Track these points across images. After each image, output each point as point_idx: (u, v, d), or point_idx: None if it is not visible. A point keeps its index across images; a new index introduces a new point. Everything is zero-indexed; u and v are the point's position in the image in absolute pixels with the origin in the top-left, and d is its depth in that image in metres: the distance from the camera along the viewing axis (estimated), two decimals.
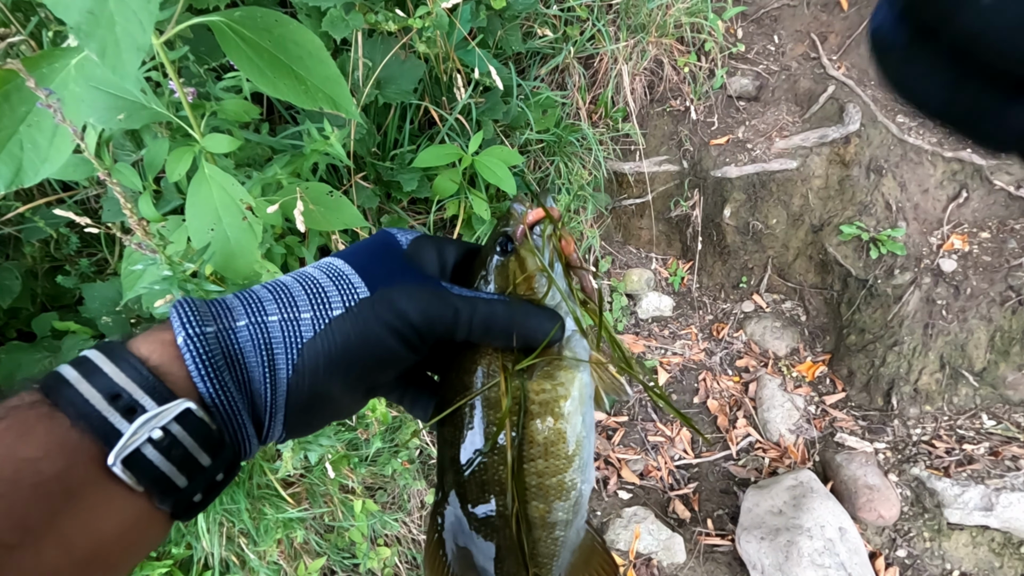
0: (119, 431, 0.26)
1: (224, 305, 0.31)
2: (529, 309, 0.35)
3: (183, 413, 0.27)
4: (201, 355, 0.28)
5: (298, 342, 0.30)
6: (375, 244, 0.36)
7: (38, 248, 1.44)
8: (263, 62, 0.86)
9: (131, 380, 0.27)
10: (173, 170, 0.94)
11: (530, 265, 0.37)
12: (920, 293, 2.20)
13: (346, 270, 0.33)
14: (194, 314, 0.29)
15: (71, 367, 0.27)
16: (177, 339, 0.28)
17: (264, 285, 0.33)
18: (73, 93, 0.81)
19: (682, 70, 2.59)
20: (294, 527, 1.42)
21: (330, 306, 0.31)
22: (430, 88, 1.84)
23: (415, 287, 0.33)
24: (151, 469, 0.27)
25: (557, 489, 0.35)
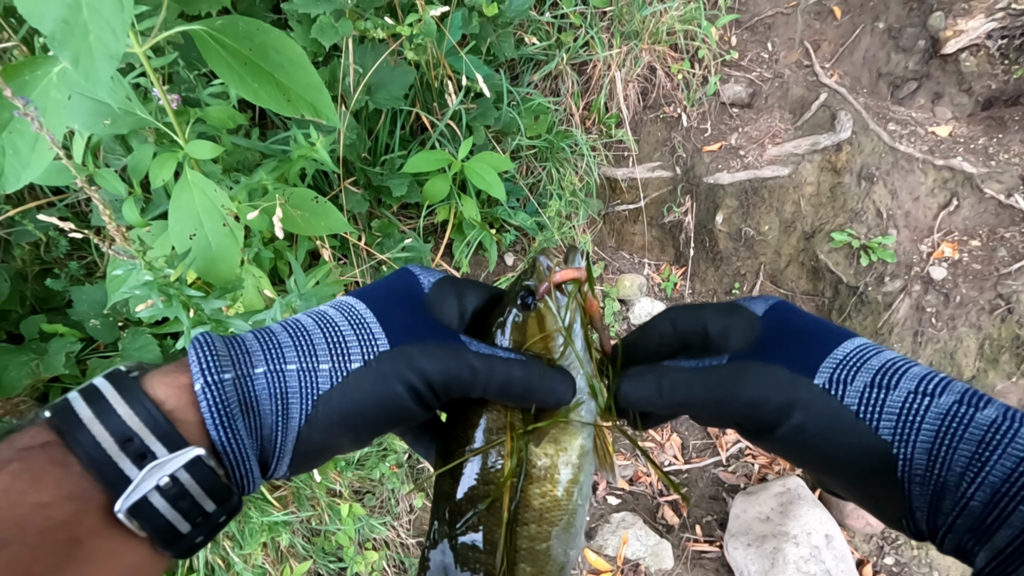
0: (128, 477, 0.26)
1: (243, 347, 0.31)
2: (545, 373, 0.35)
3: (193, 461, 0.27)
4: (217, 404, 0.28)
5: (314, 394, 0.31)
6: (396, 287, 0.36)
7: (28, 251, 1.45)
8: (244, 70, 0.87)
9: (144, 424, 0.27)
10: (156, 176, 0.95)
11: (550, 324, 0.37)
12: (910, 301, 2.21)
13: (367, 316, 0.33)
14: (213, 359, 0.29)
15: (84, 403, 0.27)
16: (195, 385, 0.28)
17: (284, 325, 0.33)
18: (55, 100, 0.82)
19: (675, 77, 2.60)
20: (279, 530, 1.43)
21: (349, 358, 0.31)
22: (421, 94, 1.85)
23: (435, 345, 0.33)
24: (156, 517, 0.27)
25: (546, 555, 0.35)
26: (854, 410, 0.31)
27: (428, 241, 1.90)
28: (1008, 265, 2.12)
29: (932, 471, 0.29)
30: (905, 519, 0.31)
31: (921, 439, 0.29)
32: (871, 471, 0.30)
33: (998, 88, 2.43)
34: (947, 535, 0.29)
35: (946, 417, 0.29)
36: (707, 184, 2.52)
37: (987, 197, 2.25)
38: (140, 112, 0.98)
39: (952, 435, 0.29)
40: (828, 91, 2.51)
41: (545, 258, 0.39)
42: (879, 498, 0.31)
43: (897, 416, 0.30)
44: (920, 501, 0.30)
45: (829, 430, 0.31)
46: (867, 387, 0.31)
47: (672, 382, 0.35)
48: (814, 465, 0.33)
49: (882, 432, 0.30)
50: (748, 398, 0.33)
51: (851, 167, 2.36)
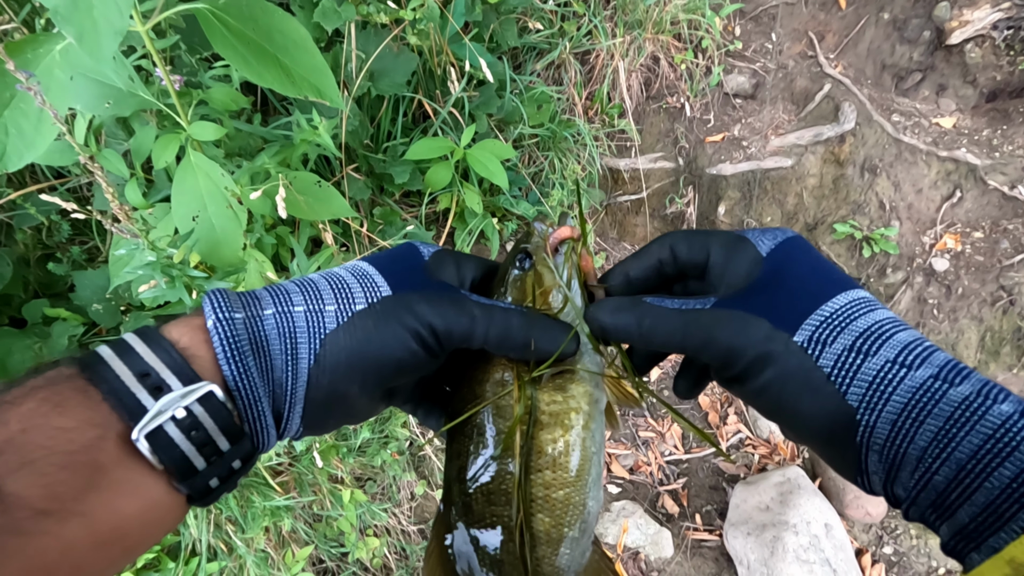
0: (145, 408, 0.27)
1: (254, 295, 0.33)
2: (545, 321, 0.36)
3: (206, 395, 0.29)
4: (228, 339, 0.30)
5: (321, 332, 0.32)
6: (399, 252, 0.38)
7: (30, 235, 1.44)
8: (248, 51, 0.87)
9: (161, 361, 0.28)
10: (159, 157, 0.95)
11: (547, 281, 0.38)
12: (912, 292, 2.21)
13: (370, 270, 0.35)
14: (224, 301, 0.31)
15: (108, 347, 0.29)
16: (207, 322, 0.30)
17: (292, 280, 0.35)
18: (58, 79, 0.82)
19: (679, 67, 2.59)
20: (281, 515, 1.43)
21: (353, 301, 0.33)
22: (424, 81, 1.84)
23: (436, 292, 0.34)
24: (172, 447, 0.28)
25: (564, 504, 0.35)
26: (827, 372, 0.31)
27: (430, 229, 1.89)
28: (1011, 257, 2.11)
29: (893, 443, 0.29)
30: (860, 477, 0.31)
31: (888, 410, 0.29)
32: (832, 433, 0.31)
33: (1003, 79, 2.42)
34: (911, 507, 0.30)
35: (918, 391, 0.29)
36: (710, 175, 2.52)
37: (991, 189, 2.24)
38: (143, 93, 0.97)
39: (920, 409, 0.29)
40: (832, 82, 2.50)
41: (539, 223, 0.40)
42: (836, 457, 0.32)
43: (869, 384, 0.30)
44: (876, 467, 0.30)
45: (798, 389, 0.31)
46: (846, 351, 0.31)
47: (652, 321, 0.35)
48: (779, 419, 0.34)
49: (850, 398, 0.30)
50: (725, 347, 0.33)
51: (854, 158, 2.35)
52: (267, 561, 1.46)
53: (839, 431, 0.31)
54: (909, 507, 0.30)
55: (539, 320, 0.36)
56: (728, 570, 1.87)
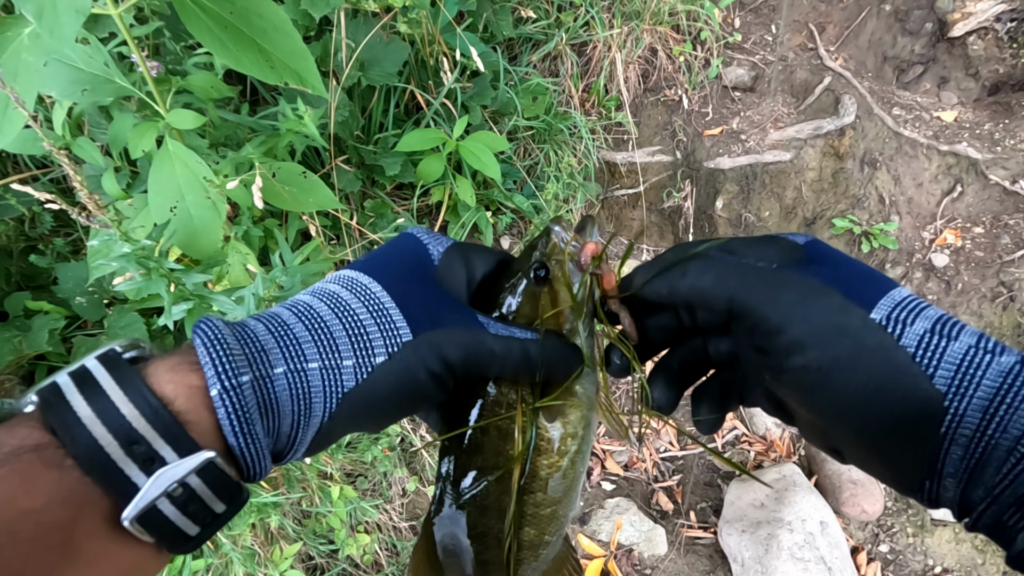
0: (135, 484, 0.24)
1: (258, 344, 0.29)
2: (558, 350, 0.35)
3: (205, 465, 0.26)
4: (236, 410, 0.26)
5: (339, 391, 0.29)
6: (405, 257, 0.35)
7: (12, 227, 1.42)
8: (226, 35, 0.84)
9: (150, 425, 0.25)
10: (135, 146, 0.92)
11: (563, 299, 0.36)
12: (911, 288, 2.18)
13: (384, 301, 0.32)
14: (228, 359, 0.27)
15: (79, 394, 0.25)
16: (211, 391, 0.26)
17: (296, 312, 0.31)
18: (27, 64, 0.79)
19: (677, 59, 2.56)
20: (269, 512, 1.41)
21: (373, 352, 0.30)
22: (416, 72, 1.81)
23: (457, 330, 0.32)
24: (165, 524, 0.25)
25: (550, 518, 0.37)
26: (911, 352, 0.27)
27: (422, 222, 1.87)
28: (1011, 252, 2.09)
29: (985, 432, 0.26)
30: (929, 482, 0.27)
31: (979, 395, 0.26)
32: (910, 423, 0.27)
33: (1006, 72, 2.38)
34: (988, 508, 0.26)
35: (1008, 375, 0.26)
36: (707, 169, 2.49)
37: (992, 183, 2.21)
38: (120, 80, 0.94)
39: (1015, 395, 0.26)
40: (832, 75, 2.46)
41: (560, 228, 0.38)
42: (902, 457, 0.28)
43: (957, 367, 0.27)
44: (956, 467, 0.27)
45: (876, 367, 0.27)
46: (927, 332, 0.28)
47: (702, 265, 0.32)
48: (840, 405, 0.28)
49: (937, 381, 0.27)
50: (789, 310, 0.29)
51: (854, 152, 2.32)
52: (254, 558, 1.44)
53: (920, 420, 0.27)
54: (987, 508, 0.26)
55: (553, 350, 0.34)
56: (722, 568, 1.85)
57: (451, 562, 0.36)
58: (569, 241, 0.37)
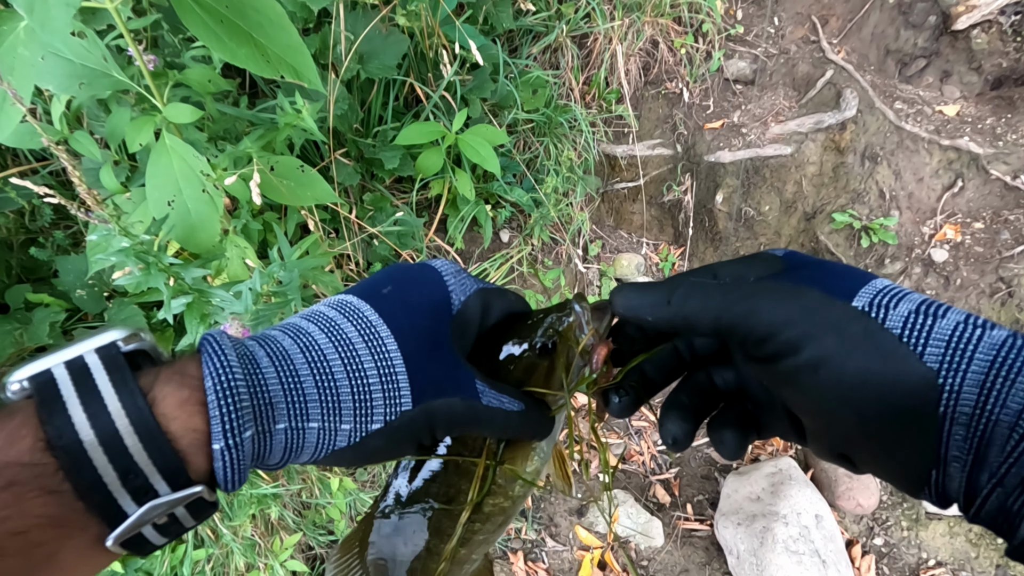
0: (125, 512, 0.25)
1: (266, 396, 0.28)
2: (537, 424, 0.37)
3: (193, 499, 0.26)
4: (234, 462, 0.27)
5: (328, 448, 0.30)
6: (425, 308, 0.34)
7: (12, 219, 1.42)
8: (221, 28, 0.84)
9: (150, 460, 0.25)
10: (133, 140, 0.92)
11: (555, 380, 0.38)
12: (910, 283, 2.18)
13: (395, 363, 0.32)
14: (236, 414, 0.27)
15: (82, 410, 0.24)
16: (214, 444, 0.26)
17: (309, 363, 0.30)
18: (23, 58, 0.79)
19: (678, 52, 2.54)
20: (269, 503, 1.43)
21: (372, 419, 0.31)
22: (415, 64, 1.81)
23: (455, 402, 0.33)
24: (144, 544, 0.26)
25: (481, 543, 0.40)
26: (897, 334, 0.27)
27: (421, 216, 1.87)
28: (1011, 248, 2.08)
29: (983, 408, 0.25)
30: (935, 470, 0.26)
31: (973, 369, 0.25)
32: (906, 407, 0.26)
33: (1009, 66, 2.37)
34: (992, 493, 0.25)
35: (1001, 348, 0.25)
36: (708, 162, 2.48)
37: (993, 179, 2.21)
38: (117, 74, 0.94)
39: (1009, 367, 0.25)
40: (834, 68, 2.45)
41: (580, 310, 0.38)
42: (905, 446, 0.27)
43: (947, 343, 0.26)
44: (960, 449, 0.26)
45: (865, 355, 0.27)
46: (912, 313, 0.27)
47: (686, 292, 0.32)
48: (836, 400, 0.28)
49: (928, 360, 0.26)
50: (773, 316, 0.29)
51: (855, 146, 2.32)
52: (255, 549, 1.46)
53: (917, 403, 0.26)
54: (990, 493, 0.25)
55: (533, 423, 0.36)
56: (718, 560, 1.87)
57: (380, 564, 0.39)
58: (586, 328, 0.38)
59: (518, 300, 0.40)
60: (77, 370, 0.25)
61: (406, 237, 1.74)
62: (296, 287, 0.99)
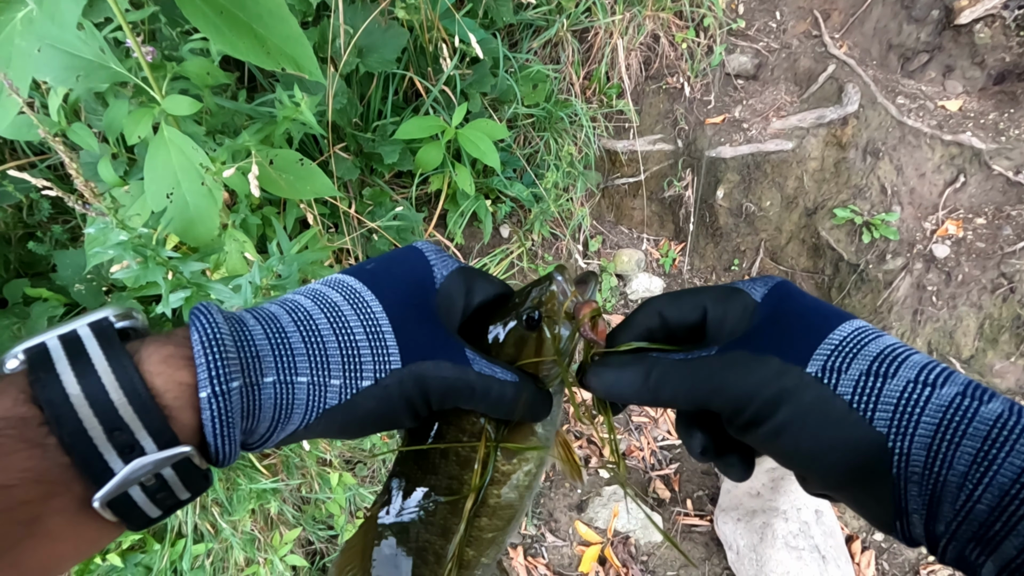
0: (111, 469, 0.24)
1: (253, 349, 0.28)
2: (534, 397, 0.36)
3: (181, 460, 0.26)
4: (222, 415, 0.27)
5: (320, 407, 0.30)
6: (409, 278, 0.35)
7: (10, 214, 1.42)
8: (221, 20, 0.83)
9: (136, 415, 0.25)
10: (131, 132, 0.92)
11: (546, 350, 0.38)
12: (911, 279, 2.18)
13: (382, 324, 0.32)
14: (222, 362, 0.27)
15: (71, 370, 0.24)
16: (200, 393, 0.26)
17: (296, 320, 0.31)
18: (20, 49, 0.78)
19: (679, 46, 2.53)
20: (268, 498, 1.43)
21: (361, 375, 0.31)
22: (415, 58, 1.80)
23: (444, 364, 0.33)
24: (132, 508, 0.26)
25: (490, 542, 0.38)
26: (848, 399, 0.29)
27: (421, 211, 1.86)
28: (1013, 244, 2.08)
29: (932, 468, 0.27)
30: (899, 521, 0.28)
31: (920, 432, 0.27)
32: (863, 468, 0.28)
33: (1012, 61, 2.36)
34: (949, 544, 0.27)
35: (948, 409, 0.27)
36: (709, 158, 2.47)
37: (995, 174, 2.20)
38: (115, 66, 0.94)
39: (955, 430, 0.26)
40: (836, 62, 2.44)
41: (562, 279, 0.39)
42: (869, 500, 0.29)
43: (895, 407, 0.28)
44: (916, 504, 0.27)
45: (818, 423, 0.29)
46: (863, 375, 0.29)
47: (659, 375, 0.34)
48: (803, 463, 0.31)
49: (877, 424, 0.28)
50: (737, 391, 0.31)
51: (857, 142, 2.31)
52: (254, 543, 1.45)
53: (871, 464, 0.28)
54: (948, 544, 0.27)
55: (529, 395, 0.36)
56: (717, 555, 1.87)
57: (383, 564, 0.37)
58: (569, 294, 0.38)
59: (499, 282, 0.40)
60: (70, 341, 0.26)
61: (406, 232, 1.74)
62: (295, 281, 0.98)
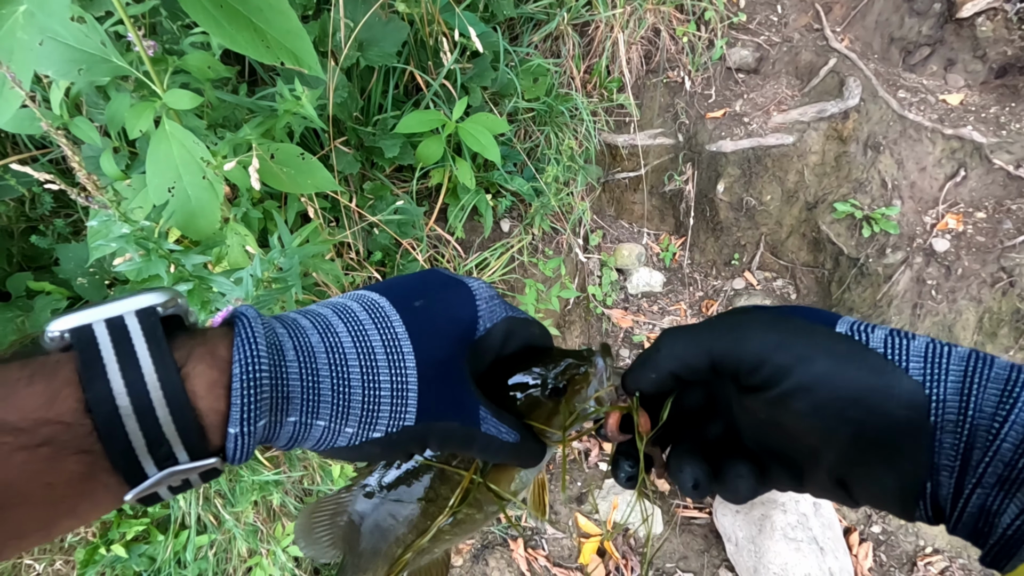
0: (145, 474, 0.27)
1: (285, 390, 0.30)
2: (527, 456, 0.37)
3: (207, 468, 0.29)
4: (244, 447, 0.29)
5: (328, 445, 0.32)
6: (450, 334, 0.35)
7: (13, 207, 1.42)
8: (220, 13, 0.84)
9: (178, 434, 0.27)
10: (133, 126, 0.92)
11: (555, 423, 0.38)
12: (911, 273, 2.18)
13: (409, 381, 0.33)
14: (256, 403, 0.28)
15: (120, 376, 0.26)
16: (230, 428, 0.28)
17: (330, 363, 0.31)
18: (22, 42, 0.79)
19: (680, 40, 2.52)
20: (271, 490, 1.44)
21: (375, 428, 0.32)
22: (415, 52, 1.80)
23: (454, 426, 0.34)
24: (154, 499, 0.28)
25: (447, 542, 0.42)
26: (881, 352, 0.29)
27: (422, 205, 1.87)
28: (1013, 238, 2.08)
29: (965, 413, 0.27)
30: (931, 480, 0.28)
31: (951, 379, 0.28)
32: (901, 420, 0.28)
33: (1014, 55, 2.35)
34: (974, 492, 0.27)
35: (970, 359, 0.28)
36: (709, 152, 2.47)
37: (996, 168, 2.20)
38: (116, 60, 0.94)
39: (980, 375, 0.27)
40: (838, 56, 2.43)
41: (603, 366, 0.38)
42: (905, 457, 0.28)
43: (924, 357, 0.29)
44: (948, 456, 0.27)
45: (857, 372, 0.29)
46: (888, 336, 0.30)
47: (670, 338, 0.34)
48: (831, 420, 0.29)
49: (912, 373, 0.28)
50: (761, 342, 0.30)
51: (858, 136, 2.30)
52: (257, 534, 1.47)
53: (911, 413, 0.28)
54: (971, 494, 0.27)
55: (524, 454, 0.37)
56: (716, 547, 1.88)
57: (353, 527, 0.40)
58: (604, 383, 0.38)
59: (543, 333, 0.41)
60: (117, 331, 0.27)
61: (406, 226, 1.74)
62: (296, 274, 0.99)
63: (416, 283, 0.37)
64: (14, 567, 1.33)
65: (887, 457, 0.29)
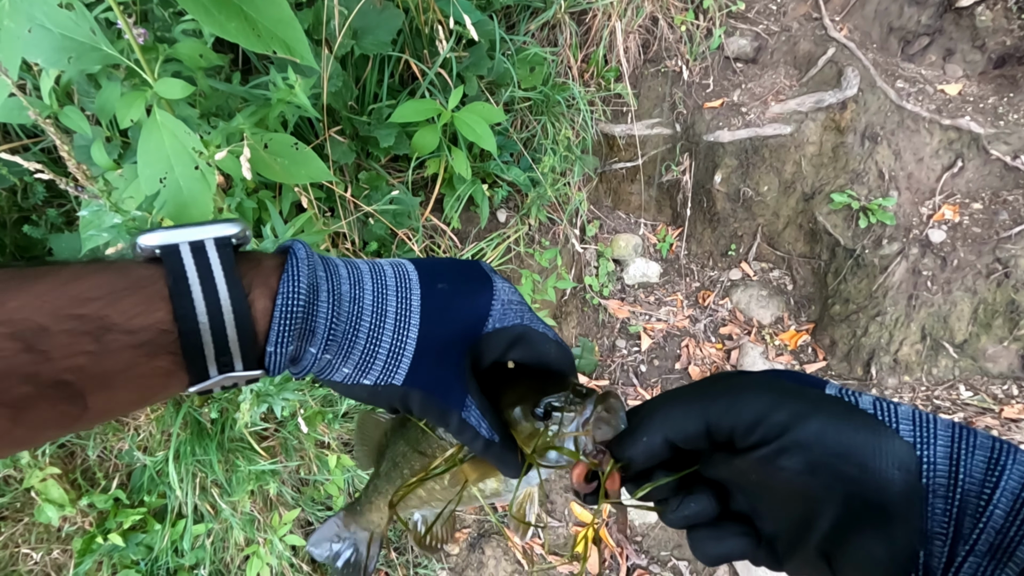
0: (208, 375, 0.32)
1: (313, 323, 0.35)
2: (499, 459, 0.39)
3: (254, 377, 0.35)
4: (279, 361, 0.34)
5: (330, 375, 0.38)
6: (460, 321, 0.39)
7: (5, 197, 1.41)
8: (210, 1, 0.82)
9: (239, 348, 0.32)
10: (123, 115, 0.91)
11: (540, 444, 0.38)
12: (907, 264, 2.18)
13: (408, 345, 0.37)
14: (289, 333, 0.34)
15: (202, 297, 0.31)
16: (268, 348, 0.34)
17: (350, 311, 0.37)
18: (8, 30, 0.78)
19: (678, 29, 2.50)
20: (267, 479, 1.44)
21: (366, 376, 0.37)
22: (411, 40, 1.78)
23: (435, 399, 0.37)
24: (208, 393, 0.34)
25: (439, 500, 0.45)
26: (871, 413, 0.30)
27: (418, 195, 1.86)
28: (1008, 229, 2.08)
29: (956, 477, 0.27)
30: (923, 550, 0.27)
31: (940, 443, 0.28)
32: (895, 482, 0.28)
33: (1013, 44, 2.34)
34: (965, 561, 0.26)
35: (954, 426, 0.29)
36: (707, 142, 2.46)
37: (993, 159, 2.19)
38: (106, 48, 0.93)
39: (966, 441, 0.28)
40: (836, 46, 2.42)
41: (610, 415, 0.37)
42: (898, 522, 0.28)
43: (912, 420, 0.29)
44: (941, 524, 0.27)
45: (852, 430, 0.29)
46: (875, 400, 0.31)
47: (667, 405, 0.34)
48: (826, 478, 0.29)
49: (903, 434, 0.29)
50: (757, 404, 0.31)
51: (855, 126, 2.30)
52: (254, 524, 1.48)
53: (904, 476, 0.28)
54: (963, 562, 0.26)
55: (496, 456, 0.38)
56: None
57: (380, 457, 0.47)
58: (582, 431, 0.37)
59: (561, 354, 0.41)
60: (199, 255, 0.32)
61: (402, 216, 1.74)
62: None
63: (452, 268, 0.41)
64: (11, 556, 1.34)
65: (880, 522, 0.28)
